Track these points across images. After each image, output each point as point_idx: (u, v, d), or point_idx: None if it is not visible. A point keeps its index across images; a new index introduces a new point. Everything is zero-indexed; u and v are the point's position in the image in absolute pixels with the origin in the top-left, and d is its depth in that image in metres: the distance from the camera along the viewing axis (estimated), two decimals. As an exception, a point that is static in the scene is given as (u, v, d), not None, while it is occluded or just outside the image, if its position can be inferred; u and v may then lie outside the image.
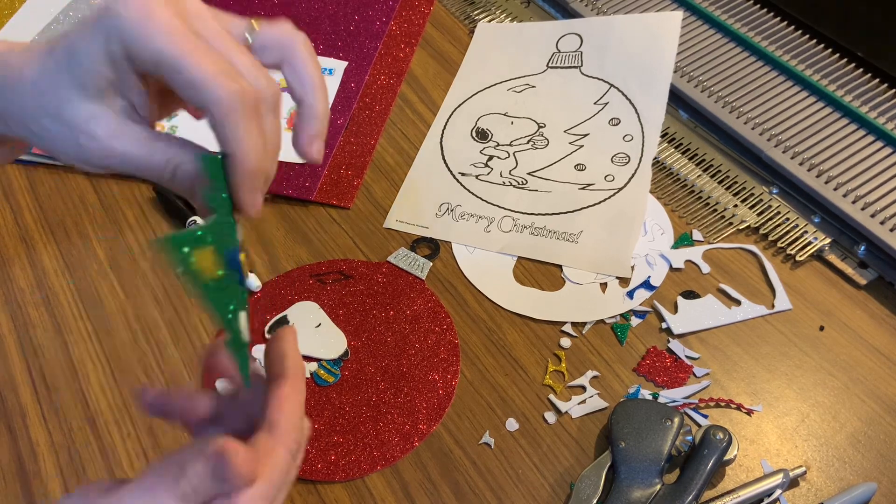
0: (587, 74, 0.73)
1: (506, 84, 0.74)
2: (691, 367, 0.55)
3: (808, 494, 0.49)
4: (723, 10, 0.75)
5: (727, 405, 0.53)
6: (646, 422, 0.49)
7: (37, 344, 0.60)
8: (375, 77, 0.76)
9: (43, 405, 0.56)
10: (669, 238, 0.62)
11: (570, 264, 0.61)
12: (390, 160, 0.70)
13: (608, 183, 0.65)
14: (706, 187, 0.65)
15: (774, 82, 0.69)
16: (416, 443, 0.53)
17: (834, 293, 0.58)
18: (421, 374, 0.56)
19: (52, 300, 0.62)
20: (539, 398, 0.54)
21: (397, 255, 0.62)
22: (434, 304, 0.59)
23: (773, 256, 0.61)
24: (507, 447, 0.52)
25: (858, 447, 0.51)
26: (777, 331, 0.57)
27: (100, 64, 0.31)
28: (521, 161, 0.68)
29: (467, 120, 0.72)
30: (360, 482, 0.51)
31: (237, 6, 0.84)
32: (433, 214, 0.65)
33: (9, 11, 0.81)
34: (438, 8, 0.83)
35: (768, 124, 0.66)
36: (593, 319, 0.58)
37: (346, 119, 0.73)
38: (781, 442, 0.51)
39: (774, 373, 0.54)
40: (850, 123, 0.65)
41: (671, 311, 0.58)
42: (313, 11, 0.83)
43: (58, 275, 0.64)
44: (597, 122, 0.70)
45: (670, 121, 0.69)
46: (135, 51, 0.31)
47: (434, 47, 0.79)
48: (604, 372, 0.55)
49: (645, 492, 0.48)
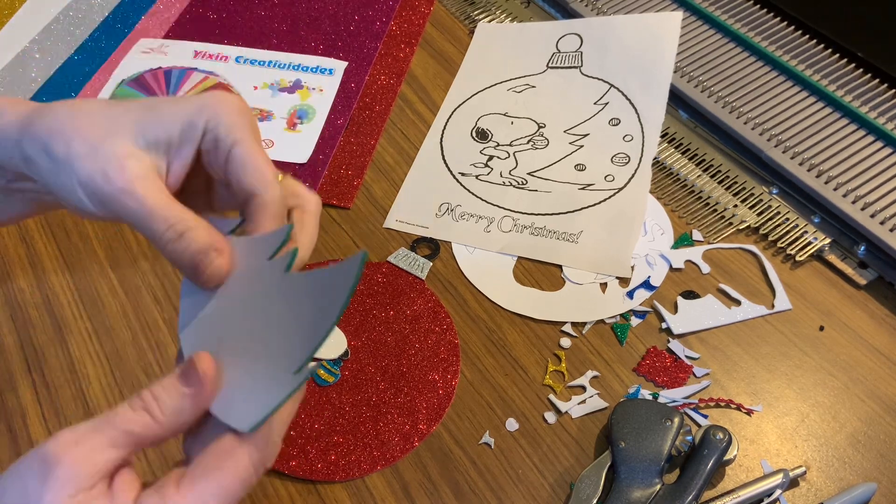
0: (587, 74, 0.73)
1: (506, 84, 0.74)
2: (691, 367, 0.55)
3: (807, 494, 0.49)
4: (723, 10, 0.75)
5: (727, 405, 0.53)
6: (646, 422, 0.49)
7: (37, 344, 0.60)
8: (375, 77, 0.76)
9: (43, 405, 0.56)
10: (669, 238, 0.62)
11: (570, 264, 0.61)
12: (390, 160, 0.70)
13: (608, 183, 0.65)
14: (706, 187, 0.65)
15: (774, 82, 0.69)
16: (416, 443, 0.53)
17: (834, 293, 0.58)
18: (421, 374, 0.56)
19: (52, 300, 0.62)
20: (539, 398, 0.54)
21: (397, 255, 0.62)
22: (434, 304, 0.59)
23: (773, 256, 0.61)
24: (507, 447, 0.52)
25: (858, 447, 0.51)
26: (777, 331, 0.57)
27: (174, 123, 0.35)
28: (521, 161, 0.68)
29: (467, 120, 0.72)
30: (360, 482, 0.51)
31: (237, 6, 0.84)
32: (433, 214, 0.65)
33: (9, 11, 0.81)
34: (438, 8, 0.83)
35: (768, 124, 0.66)
36: (593, 319, 0.58)
37: (346, 119, 0.73)
38: (781, 442, 0.51)
39: (774, 373, 0.54)
40: (850, 123, 0.65)
41: (671, 311, 0.58)
42: (313, 11, 0.83)
43: (58, 275, 0.64)
44: (597, 122, 0.70)
45: (670, 121, 0.69)
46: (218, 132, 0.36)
47: (434, 47, 0.79)
48: (604, 372, 0.55)
49: (645, 492, 0.48)
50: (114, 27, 0.83)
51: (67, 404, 0.56)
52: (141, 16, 0.84)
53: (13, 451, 0.54)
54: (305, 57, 0.78)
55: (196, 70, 0.77)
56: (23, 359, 0.59)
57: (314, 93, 0.75)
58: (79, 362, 0.58)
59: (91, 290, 0.62)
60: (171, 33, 0.82)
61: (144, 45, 0.80)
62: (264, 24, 0.82)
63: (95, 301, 0.62)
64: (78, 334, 0.60)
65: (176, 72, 0.77)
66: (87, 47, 0.81)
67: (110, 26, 0.83)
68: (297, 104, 0.74)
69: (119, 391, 0.57)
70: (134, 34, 0.82)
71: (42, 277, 0.63)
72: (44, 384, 0.57)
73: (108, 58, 0.79)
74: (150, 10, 0.84)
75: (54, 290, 0.63)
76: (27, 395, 0.57)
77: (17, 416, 0.56)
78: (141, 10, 0.84)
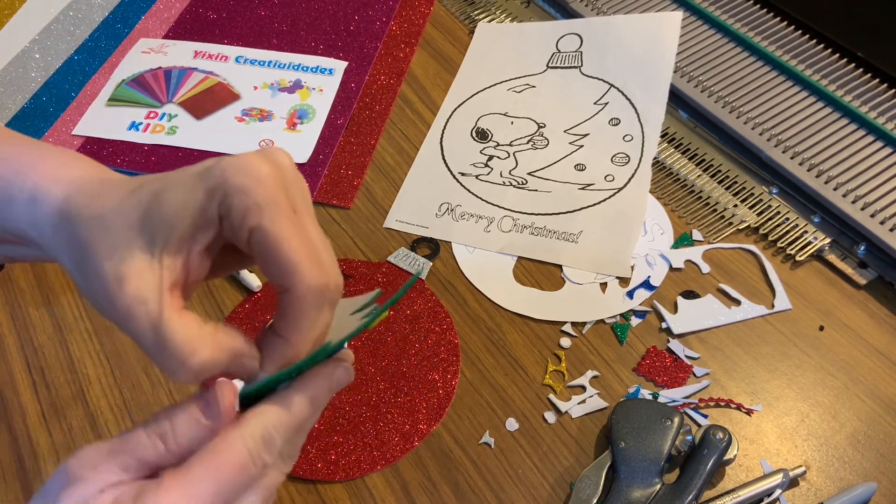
0: (587, 74, 0.73)
1: (506, 84, 0.75)
2: (691, 366, 0.55)
3: (807, 494, 0.49)
4: (723, 10, 0.75)
5: (727, 405, 0.53)
6: (646, 422, 0.49)
7: (37, 344, 0.60)
8: (375, 77, 0.76)
9: (43, 405, 0.56)
10: (669, 238, 0.62)
11: (570, 264, 0.61)
12: (390, 160, 0.70)
13: (608, 183, 0.65)
14: (706, 187, 0.65)
15: (774, 82, 0.69)
16: (416, 443, 0.53)
17: (834, 293, 0.58)
18: (421, 374, 0.56)
19: (52, 300, 0.62)
20: (539, 398, 0.54)
21: (397, 255, 0.62)
22: (434, 304, 0.59)
23: (772, 256, 0.61)
24: (507, 447, 0.52)
25: (858, 447, 0.51)
26: (777, 331, 0.57)
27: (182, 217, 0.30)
28: (521, 161, 0.68)
29: (467, 120, 0.72)
30: (360, 482, 0.51)
31: (237, 6, 0.84)
32: (433, 214, 0.65)
33: (9, 11, 0.81)
34: (438, 8, 0.83)
35: (768, 124, 0.66)
36: (593, 319, 0.58)
37: (346, 119, 0.73)
38: (781, 442, 0.51)
39: (774, 373, 0.54)
40: (850, 123, 0.65)
41: (671, 311, 0.58)
42: (313, 11, 0.83)
43: (58, 275, 0.64)
44: (597, 122, 0.70)
45: (670, 121, 0.69)
46: (231, 219, 0.30)
47: (434, 47, 0.79)
48: (604, 372, 0.55)
49: (645, 492, 0.48)
50: (114, 27, 0.83)
51: (67, 404, 0.56)
52: (141, 16, 0.84)
53: (13, 451, 0.54)
54: (305, 57, 0.78)
55: (196, 70, 0.77)
56: (23, 359, 0.59)
57: (314, 93, 0.75)
58: (79, 362, 0.58)
59: (91, 289, 0.62)
60: (171, 33, 0.82)
61: (144, 45, 0.80)
62: (264, 24, 0.82)
63: (95, 301, 0.62)
64: (78, 334, 0.60)
65: (176, 72, 0.77)
66: (87, 47, 0.81)
67: (110, 26, 0.83)
68: (297, 104, 0.74)
69: (119, 391, 0.57)
70: (134, 34, 0.82)
71: (42, 277, 0.63)
72: (44, 384, 0.57)
73: (108, 58, 0.80)
74: (150, 10, 0.84)
75: (54, 290, 0.63)
76: (27, 395, 0.57)
77: (17, 416, 0.56)
78: (141, 10, 0.84)
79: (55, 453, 0.54)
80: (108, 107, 0.75)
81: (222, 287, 0.62)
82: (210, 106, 0.74)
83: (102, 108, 0.75)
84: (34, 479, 0.53)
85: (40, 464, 0.54)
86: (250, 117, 0.73)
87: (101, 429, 0.55)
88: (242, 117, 0.73)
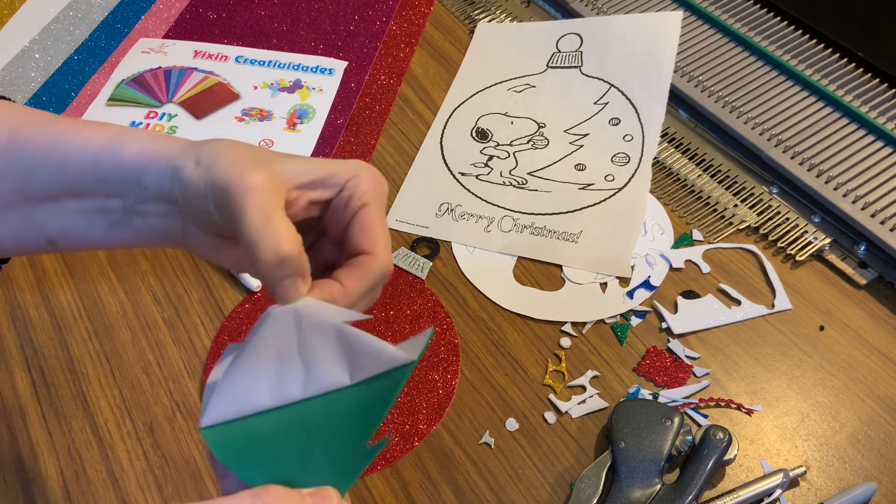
0: (587, 74, 0.73)
1: (506, 84, 0.74)
2: (691, 366, 0.55)
3: (808, 494, 0.49)
4: (723, 10, 0.75)
5: (727, 405, 0.53)
6: (646, 422, 0.49)
7: (37, 344, 0.60)
8: (375, 77, 0.76)
9: (43, 405, 0.56)
10: (669, 238, 0.62)
11: (570, 264, 0.61)
12: (390, 160, 0.70)
13: (608, 183, 0.65)
14: (706, 187, 0.65)
15: (774, 82, 0.69)
16: (416, 443, 0.53)
17: (834, 293, 0.58)
18: (421, 374, 0.56)
19: (52, 300, 0.62)
20: (539, 398, 0.54)
21: (397, 255, 0.62)
22: (434, 304, 0.59)
23: (773, 256, 0.61)
24: (507, 447, 0.52)
25: (858, 447, 0.51)
26: (777, 331, 0.57)
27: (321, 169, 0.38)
28: (521, 161, 0.68)
29: (467, 120, 0.72)
30: (360, 482, 0.51)
31: (237, 6, 0.84)
32: (433, 214, 0.65)
33: (9, 11, 0.81)
34: (438, 8, 0.83)
35: (768, 124, 0.66)
36: (593, 319, 0.58)
37: (346, 119, 0.73)
38: (781, 442, 0.51)
39: (774, 373, 0.54)
40: (850, 123, 0.65)
41: (671, 311, 0.58)
42: (313, 11, 0.83)
43: (58, 275, 0.64)
44: (597, 122, 0.70)
45: (670, 121, 0.69)
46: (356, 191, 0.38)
47: (434, 47, 0.79)
48: (604, 372, 0.55)
49: (645, 492, 0.48)
50: (114, 27, 0.83)
51: (67, 404, 0.56)
52: (141, 16, 0.84)
53: (13, 451, 0.54)
54: (305, 57, 0.78)
55: (196, 70, 0.77)
56: (23, 359, 0.59)
57: (314, 93, 0.75)
58: (79, 362, 0.58)
59: (91, 289, 0.62)
60: (171, 33, 0.82)
61: (144, 45, 0.80)
62: (264, 24, 0.82)
63: (95, 301, 0.62)
64: (78, 334, 0.60)
65: (176, 71, 0.77)
66: (87, 47, 0.81)
67: (110, 26, 0.83)
68: (297, 104, 0.74)
69: (119, 391, 0.57)
70: (134, 34, 0.82)
71: (42, 277, 0.63)
72: (44, 384, 0.57)
73: (108, 58, 0.80)
74: (150, 10, 0.84)
75: (54, 289, 0.63)
76: (27, 395, 0.57)
77: (17, 416, 0.56)
78: (141, 10, 0.84)
79: (55, 453, 0.54)
80: (108, 107, 0.75)
81: (222, 287, 0.62)
82: (210, 106, 0.74)
83: (102, 108, 0.75)
84: (34, 479, 0.53)
85: (40, 464, 0.54)
86: (250, 117, 0.73)
87: (100, 429, 0.55)
88: (242, 117, 0.73)
